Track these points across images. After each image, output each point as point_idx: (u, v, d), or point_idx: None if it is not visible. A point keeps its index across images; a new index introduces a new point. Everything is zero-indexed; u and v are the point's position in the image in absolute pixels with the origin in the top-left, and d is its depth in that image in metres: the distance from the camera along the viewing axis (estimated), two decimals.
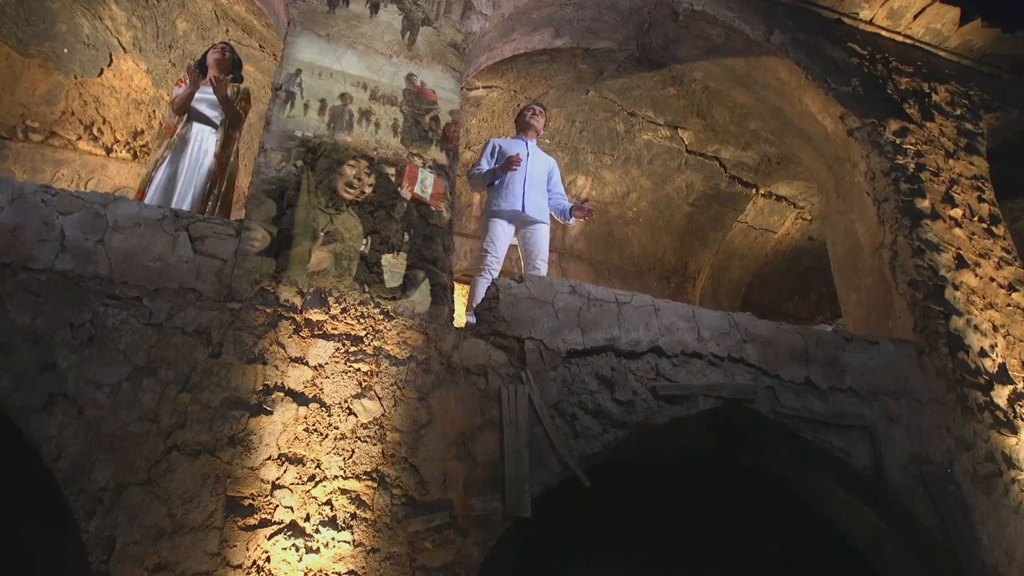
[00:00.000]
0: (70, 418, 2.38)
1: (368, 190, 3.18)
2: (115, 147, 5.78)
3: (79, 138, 5.71)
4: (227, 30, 5.20)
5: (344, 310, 2.87)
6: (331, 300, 2.87)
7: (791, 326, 3.73)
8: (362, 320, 2.88)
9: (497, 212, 4.13)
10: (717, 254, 6.93)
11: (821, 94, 4.89)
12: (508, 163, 4.03)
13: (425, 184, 3.30)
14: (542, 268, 4.03)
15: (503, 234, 4.09)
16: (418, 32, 3.82)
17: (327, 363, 2.75)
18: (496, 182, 4.17)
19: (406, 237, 3.13)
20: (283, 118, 3.27)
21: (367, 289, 2.94)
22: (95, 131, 5.71)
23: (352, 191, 3.14)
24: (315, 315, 2.82)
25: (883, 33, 5.57)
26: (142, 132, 5.75)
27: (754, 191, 6.44)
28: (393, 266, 3.03)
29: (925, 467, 3.54)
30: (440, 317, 3.02)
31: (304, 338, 2.76)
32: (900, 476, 3.46)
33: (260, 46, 5.22)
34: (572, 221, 4.47)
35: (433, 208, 3.27)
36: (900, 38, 5.60)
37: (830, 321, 7.71)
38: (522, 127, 4.54)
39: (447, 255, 3.22)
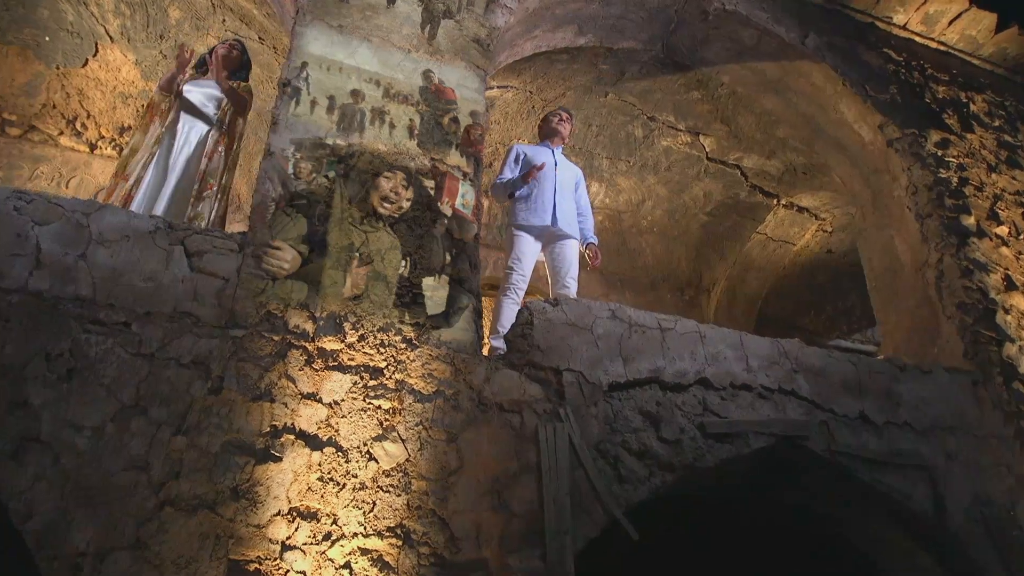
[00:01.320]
0: (44, 468, 2.02)
1: (406, 205, 2.85)
2: (100, 143, 5.38)
3: (61, 133, 5.31)
4: (224, 20, 4.83)
5: (362, 338, 2.53)
6: (347, 326, 2.53)
7: (842, 353, 3.44)
8: (382, 349, 2.54)
9: (525, 226, 3.77)
10: (733, 266, 6.64)
11: (859, 102, 4.61)
12: (531, 171, 3.69)
13: (466, 199, 2.97)
14: (572, 287, 3.69)
15: (530, 250, 3.74)
16: (439, 25, 3.48)
17: (343, 399, 2.40)
18: (520, 193, 3.82)
19: (447, 257, 2.80)
20: (289, 117, 2.92)
21: (406, 317, 2.61)
22: (78, 126, 5.31)
23: (389, 206, 2.81)
24: (329, 343, 2.48)
25: (916, 39, 5.30)
26: (129, 128, 5.35)
27: (775, 201, 6.16)
28: (435, 290, 2.70)
29: (986, 508, 3.27)
30: (469, 345, 2.69)
31: (317, 370, 2.41)
32: (961, 519, 3.18)
33: (259, 38, 4.85)
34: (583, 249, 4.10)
35: (471, 223, 2.94)
36: (934, 44, 5.35)
37: (847, 336, 7.46)
38: (547, 133, 4.20)
39: (475, 275, 2.88)
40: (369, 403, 2.42)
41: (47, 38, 4.95)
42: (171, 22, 4.88)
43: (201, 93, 3.70)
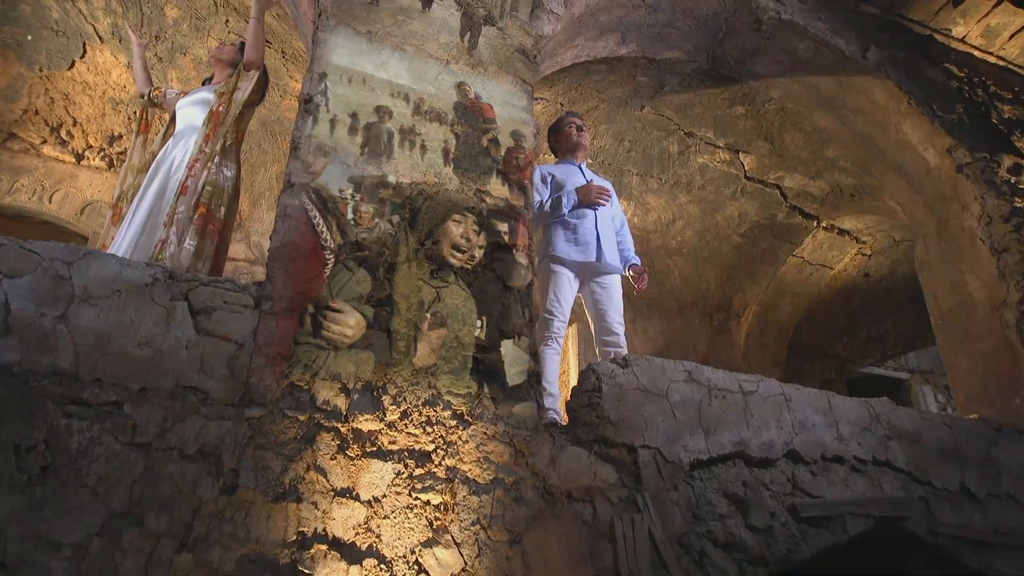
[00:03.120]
0: None
1: (478, 254, 2.43)
2: (87, 153, 4.89)
3: (44, 142, 4.82)
4: (227, 20, 4.37)
5: (405, 414, 2.09)
6: (386, 400, 2.08)
7: (935, 414, 3.04)
8: (429, 428, 2.10)
9: (564, 260, 3.27)
10: (766, 290, 6.24)
11: (926, 122, 4.22)
12: (590, 194, 3.22)
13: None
14: (620, 331, 3.22)
15: (570, 289, 3.26)
16: (479, 33, 3.04)
17: (385, 495, 1.96)
18: (555, 218, 3.35)
19: (527, 315, 2.38)
20: (332, 148, 2.47)
21: (485, 389, 2.19)
22: (63, 134, 4.82)
23: (460, 255, 2.38)
24: (366, 423, 2.03)
25: (975, 53, 4.92)
26: (120, 137, 4.88)
27: (815, 223, 5.77)
28: (516, 357, 2.28)
29: None
30: (530, 419, 2.25)
31: (352, 459, 1.97)
32: None
33: (266, 40, 4.39)
34: (626, 272, 3.61)
35: (525, 267, 2.50)
36: (993, 59, 4.96)
37: (880, 363, 7.10)
38: (568, 147, 3.73)
39: (531, 330, 2.45)
40: (416, 498, 1.98)
41: (29, 37, 4.47)
42: (168, 22, 4.41)
43: (194, 100, 3.19)
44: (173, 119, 3.22)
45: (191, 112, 3.09)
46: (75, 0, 4.26)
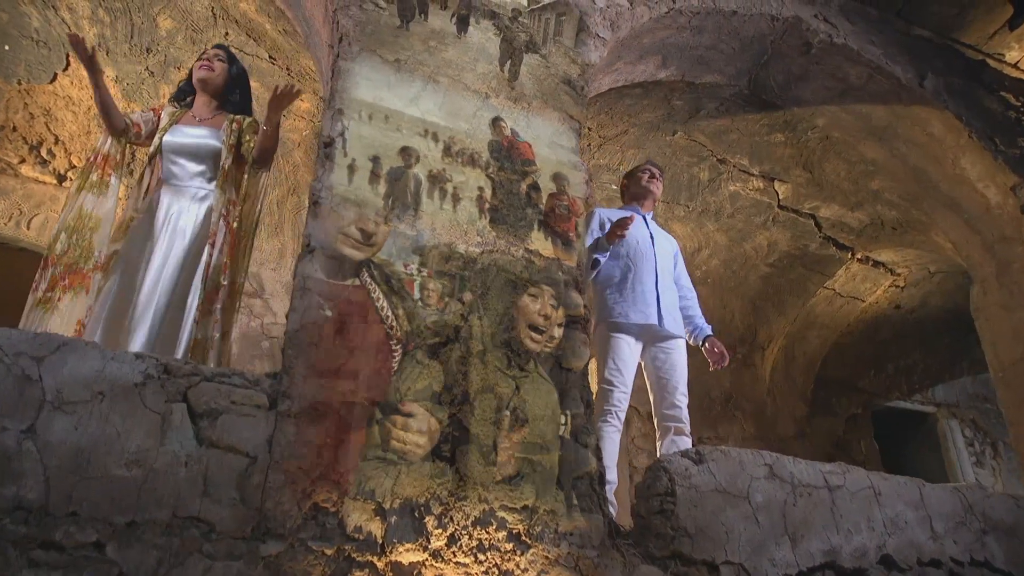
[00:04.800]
0: None
1: (558, 334, 2.07)
2: (70, 174, 4.48)
3: (22, 161, 4.40)
4: (226, 33, 3.97)
5: (452, 539, 1.72)
6: (430, 522, 1.71)
7: None
8: (482, 555, 1.73)
9: (623, 325, 2.90)
10: (794, 323, 5.92)
11: (988, 157, 3.90)
12: (621, 225, 2.82)
13: None
14: (683, 405, 2.86)
15: (631, 357, 2.89)
16: (520, 61, 2.67)
17: None
18: (612, 277, 2.96)
19: (586, 402, 2.03)
20: (329, 184, 2.09)
21: (574, 500, 1.83)
22: (44, 153, 4.40)
23: (539, 337, 2.03)
24: (407, 553, 1.66)
25: None
26: (107, 157, 4.46)
27: (849, 254, 5.45)
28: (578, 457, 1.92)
29: None
30: (595, 534, 1.89)
31: None
32: None
33: (270, 57, 4.00)
34: (700, 343, 3.23)
35: (582, 345, 2.14)
36: None
37: (907, 397, 6.80)
38: (637, 194, 3.38)
39: (589, 419, 2.08)
40: None
41: (7, 47, 4.05)
42: (161, 33, 4.00)
43: (189, 151, 2.62)
44: (153, 158, 2.65)
45: (186, 156, 2.62)
46: (57, 8, 3.84)
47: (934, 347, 6.42)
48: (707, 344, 3.16)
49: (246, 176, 2.66)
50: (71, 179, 4.47)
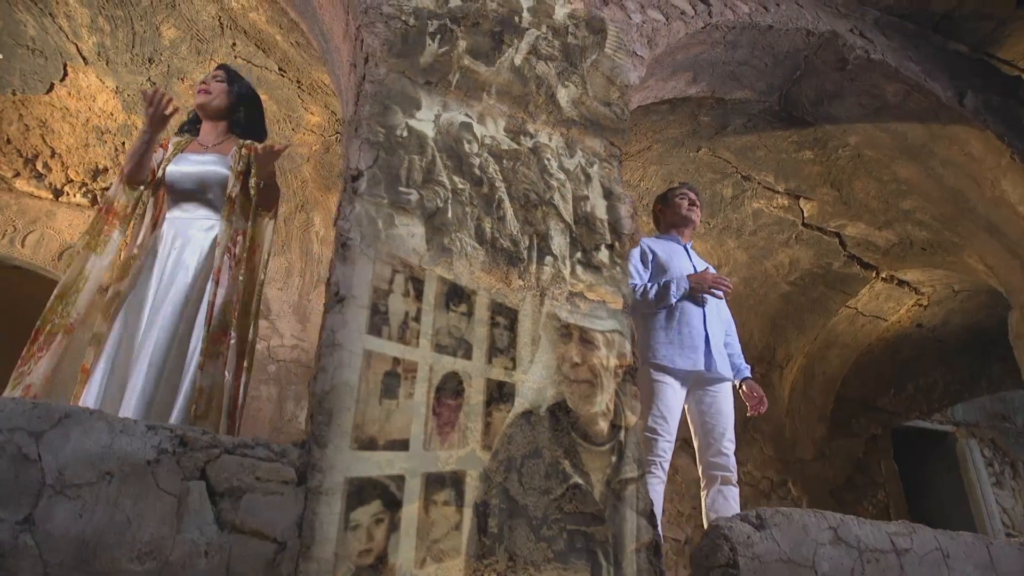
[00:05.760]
0: None
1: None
2: (67, 189, 4.28)
3: (17, 175, 4.20)
4: (233, 43, 3.77)
5: None
6: None
7: None
8: None
9: (668, 368, 2.69)
10: (814, 342, 5.75)
11: None
12: (704, 282, 2.67)
13: None
14: (730, 452, 2.66)
15: (677, 403, 2.68)
16: (558, 83, 2.49)
17: None
18: (656, 318, 2.78)
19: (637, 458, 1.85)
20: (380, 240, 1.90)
21: None
22: (40, 166, 4.20)
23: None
24: None
25: None
26: (106, 171, 4.26)
27: (874, 273, 5.28)
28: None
29: None
30: None
31: None
32: None
33: (280, 69, 3.81)
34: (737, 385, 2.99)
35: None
36: None
37: (926, 416, 6.64)
38: (675, 221, 3.17)
39: (643, 478, 1.90)
40: None
41: (1, 56, 3.85)
42: (164, 43, 3.80)
43: (195, 177, 2.40)
44: (157, 190, 2.44)
45: (191, 185, 2.39)
46: (55, 16, 3.64)
47: (954, 365, 6.28)
48: (745, 388, 2.96)
49: (250, 216, 2.44)
50: (67, 194, 4.27)
